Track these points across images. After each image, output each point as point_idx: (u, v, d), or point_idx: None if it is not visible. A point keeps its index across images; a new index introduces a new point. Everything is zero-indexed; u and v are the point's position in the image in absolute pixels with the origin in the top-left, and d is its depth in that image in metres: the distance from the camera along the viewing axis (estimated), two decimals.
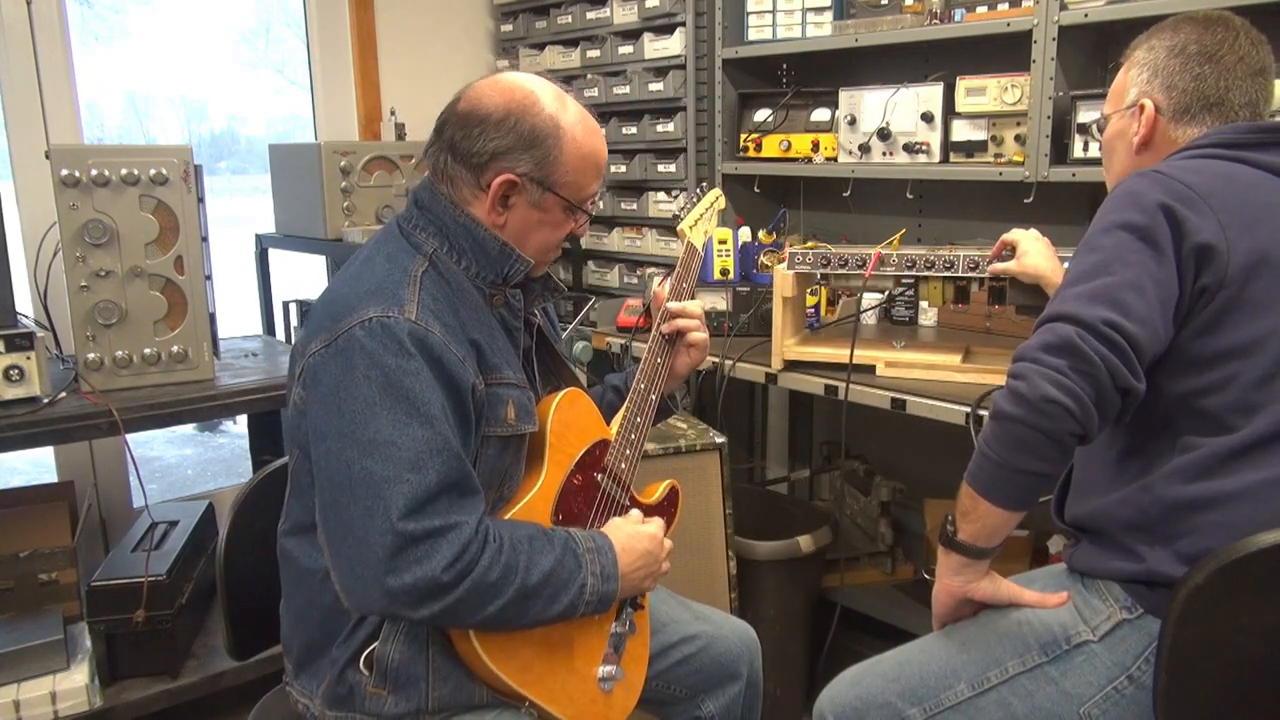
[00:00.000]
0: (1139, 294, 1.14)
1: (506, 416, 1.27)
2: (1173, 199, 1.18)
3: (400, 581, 1.10)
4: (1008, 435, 1.14)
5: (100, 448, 2.58)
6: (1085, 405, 1.10)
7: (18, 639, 1.96)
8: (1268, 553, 1.07)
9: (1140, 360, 1.13)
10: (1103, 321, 1.11)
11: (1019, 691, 1.26)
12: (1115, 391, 1.11)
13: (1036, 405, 1.11)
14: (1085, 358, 1.10)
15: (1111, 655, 1.20)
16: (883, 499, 2.64)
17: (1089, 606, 1.24)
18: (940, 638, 1.37)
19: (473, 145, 1.25)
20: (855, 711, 1.38)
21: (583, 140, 1.29)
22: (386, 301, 1.18)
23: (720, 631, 1.57)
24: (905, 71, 2.42)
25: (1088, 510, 1.29)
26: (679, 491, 1.54)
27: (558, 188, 1.29)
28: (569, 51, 3.08)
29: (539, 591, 1.19)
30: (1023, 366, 1.15)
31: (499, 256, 1.29)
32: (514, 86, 1.27)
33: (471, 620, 1.17)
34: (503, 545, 1.17)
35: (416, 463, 1.12)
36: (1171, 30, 1.34)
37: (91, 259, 1.98)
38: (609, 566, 1.26)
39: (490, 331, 1.29)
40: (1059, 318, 1.15)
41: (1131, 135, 1.37)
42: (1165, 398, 1.20)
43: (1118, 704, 1.19)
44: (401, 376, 1.14)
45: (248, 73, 3.40)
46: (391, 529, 1.10)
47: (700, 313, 1.55)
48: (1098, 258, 1.18)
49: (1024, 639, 1.27)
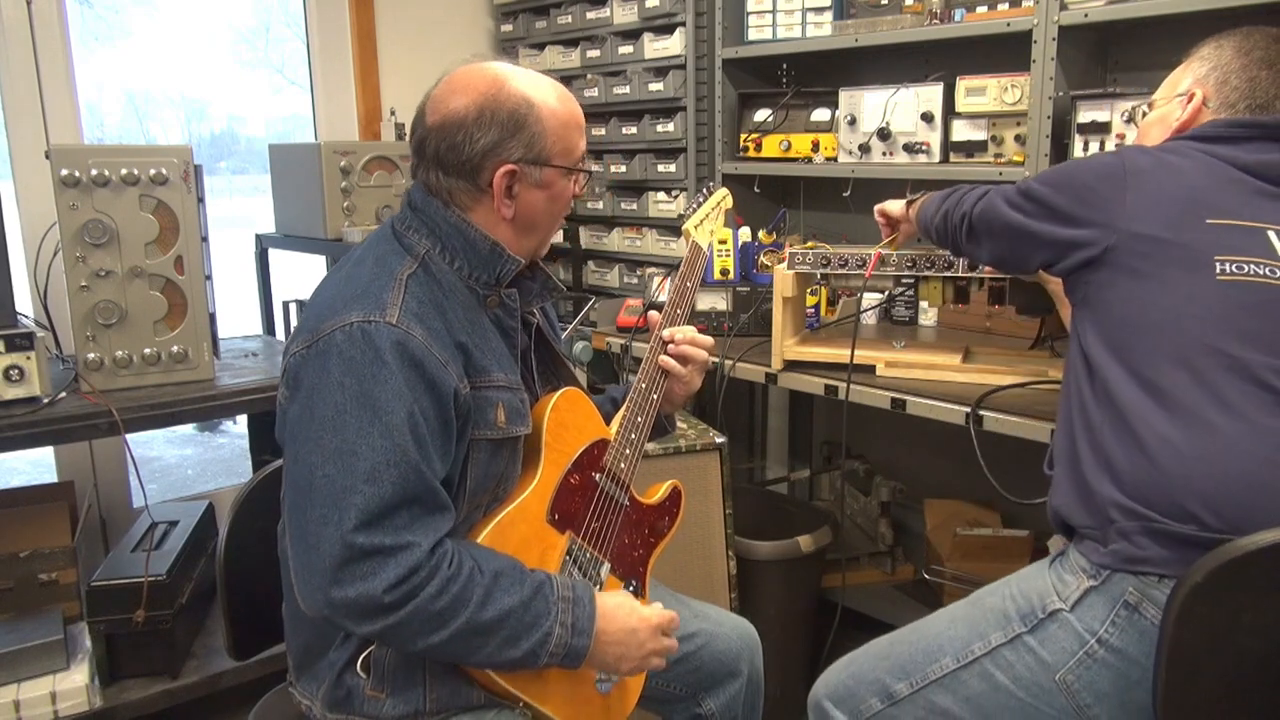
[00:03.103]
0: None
1: (496, 419, 1.25)
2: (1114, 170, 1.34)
3: (344, 594, 1.09)
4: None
5: (100, 448, 2.58)
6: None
7: (18, 639, 1.96)
8: (1267, 552, 1.08)
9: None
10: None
11: (1000, 662, 1.30)
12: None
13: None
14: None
15: (1081, 622, 1.24)
16: (883, 499, 2.64)
17: (1061, 580, 1.28)
18: (932, 617, 1.42)
19: (461, 154, 1.24)
20: (847, 690, 1.43)
21: (558, 105, 1.28)
22: (369, 306, 1.17)
23: (720, 629, 1.57)
24: (905, 71, 2.42)
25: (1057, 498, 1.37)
26: (681, 492, 1.54)
27: (552, 159, 1.27)
28: (569, 51, 3.08)
29: (492, 630, 1.15)
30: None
31: (490, 257, 1.28)
32: (474, 80, 1.26)
33: (415, 646, 1.15)
34: (458, 575, 1.14)
35: (372, 474, 1.11)
36: (1244, 35, 1.40)
37: (91, 259, 1.98)
38: (583, 621, 1.21)
39: (482, 333, 1.28)
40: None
41: (1173, 120, 1.42)
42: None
43: (1090, 669, 1.23)
44: (373, 384, 1.13)
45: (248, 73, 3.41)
46: (342, 539, 1.09)
47: (705, 342, 1.52)
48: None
49: (1006, 612, 1.31)
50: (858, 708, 1.41)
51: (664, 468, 2.07)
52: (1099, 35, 2.12)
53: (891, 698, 1.37)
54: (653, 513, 1.48)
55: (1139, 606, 1.19)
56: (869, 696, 1.40)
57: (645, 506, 1.47)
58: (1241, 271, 1.25)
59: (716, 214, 1.71)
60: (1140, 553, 1.19)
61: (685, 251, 1.61)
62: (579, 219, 3.13)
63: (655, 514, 1.49)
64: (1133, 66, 2.16)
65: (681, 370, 1.49)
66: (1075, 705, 1.24)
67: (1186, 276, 1.26)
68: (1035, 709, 1.27)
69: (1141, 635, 1.19)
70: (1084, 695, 1.23)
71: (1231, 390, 1.20)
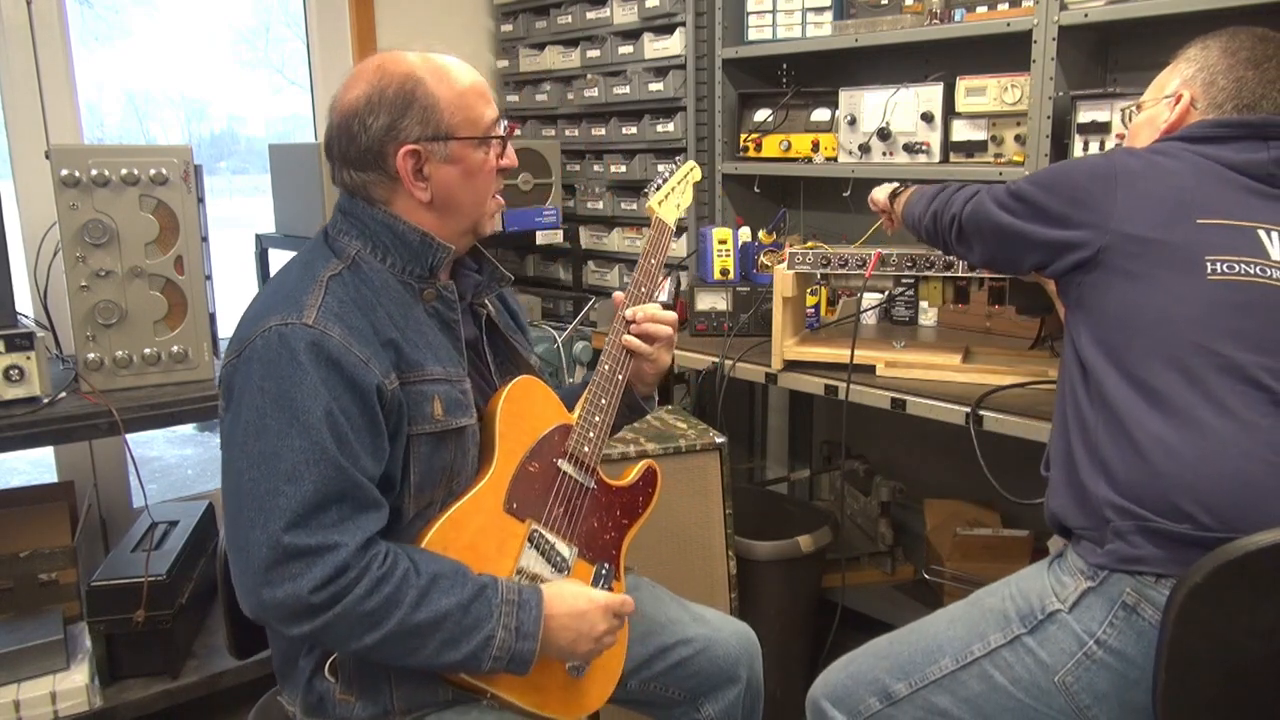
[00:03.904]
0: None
1: (433, 413, 1.23)
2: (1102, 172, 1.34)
3: (273, 595, 1.10)
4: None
5: (100, 448, 2.58)
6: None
7: (18, 639, 1.96)
8: (1267, 552, 1.08)
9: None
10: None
11: (999, 663, 1.30)
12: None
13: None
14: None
15: (1080, 623, 1.24)
16: (883, 499, 2.64)
17: (1059, 582, 1.29)
18: (932, 617, 1.42)
19: (360, 143, 1.23)
20: (846, 690, 1.43)
21: (448, 76, 1.25)
22: (287, 309, 1.17)
23: (719, 634, 1.55)
24: (905, 71, 2.42)
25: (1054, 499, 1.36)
26: (657, 472, 1.50)
27: (455, 132, 1.25)
28: (569, 51, 3.08)
29: (428, 632, 1.15)
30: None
31: (421, 248, 1.27)
32: (363, 69, 1.26)
33: (349, 647, 1.15)
34: (390, 576, 1.14)
35: (293, 474, 1.11)
36: (1229, 36, 1.40)
37: (91, 259, 1.98)
38: (528, 624, 1.20)
39: (417, 328, 1.26)
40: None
41: (1161, 122, 1.43)
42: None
43: (1089, 670, 1.23)
44: (289, 386, 1.13)
45: (248, 73, 3.40)
46: (270, 541, 1.10)
47: (666, 317, 1.48)
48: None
49: (1005, 613, 1.32)
50: (856, 708, 1.41)
51: (664, 468, 2.04)
52: (1099, 35, 2.12)
53: (890, 698, 1.37)
54: (624, 494, 1.46)
55: (1137, 607, 1.19)
56: (867, 696, 1.40)
57: (615, 489, 1.45)
58: (1232, 271, 1.25)
59: (684, 187, 1.64)
60: (1136, 552, 1.19)
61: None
62: (579, 219, 3.13)
63: (627, 495, 1.46)
64: (1133, 66, 2.16)
65: (646, 349, 1.46)
66: (1074, 706, 1.24)
67: (1178, 277, 1.26)
68: (1034, 710, 1.27)
69: (1140, 636, 1.19)
70: (1083, 696, 1.23)
71: (1224, 390, 1.20)
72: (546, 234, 2.88)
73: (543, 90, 3.18)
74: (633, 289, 1.48)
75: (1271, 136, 1.31)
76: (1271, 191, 1.30)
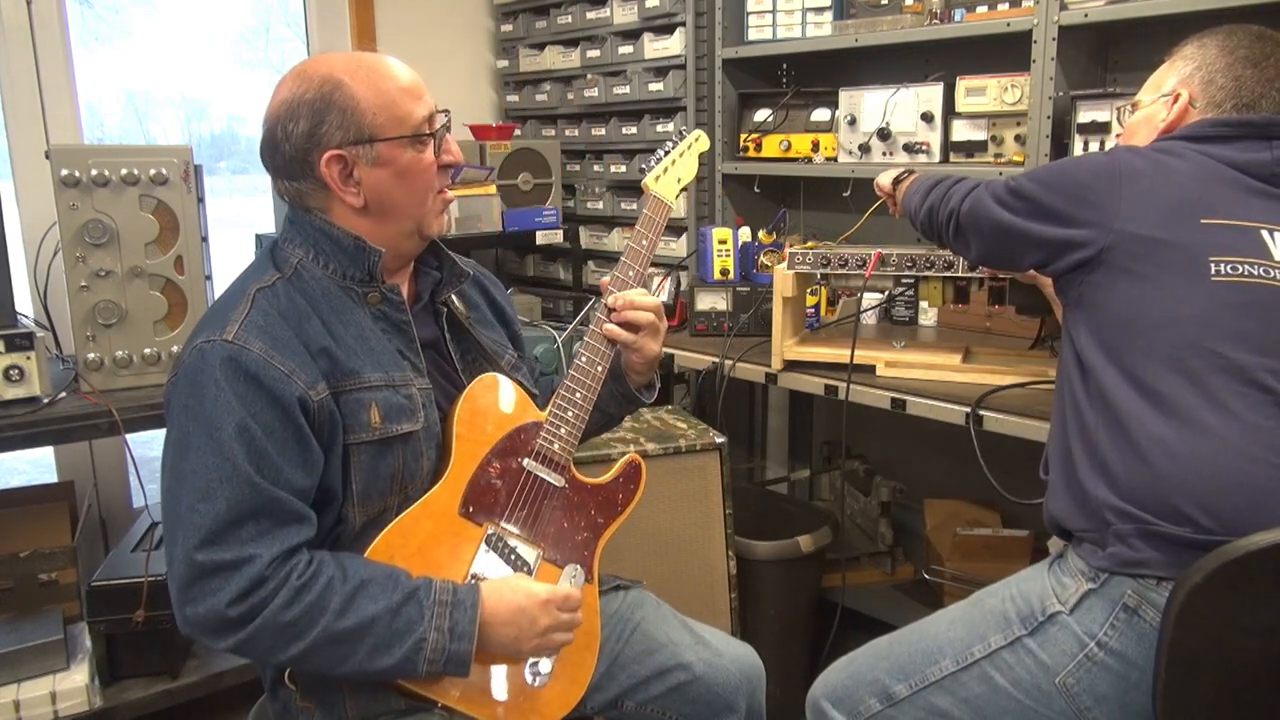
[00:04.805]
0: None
1: (370, 420, 1.21)
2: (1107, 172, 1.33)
3: (195, 611, 1.10)
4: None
5: (100, 448, 2.58)
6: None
7: (18, 639, 1.96)
8: (1267, 552, 1.07)
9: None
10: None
11: (1000, 665, 1.29)
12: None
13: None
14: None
15: (1080, 625, 1.24)
16: (883, 499, 2.64)
17: (1060, 583, 1.28)
18: (932, 617, 1.41)
19: (283, 153, 1.21)
20: (846, 690, 1.43)
21: (371, 76, 1.21)
22: (213, 327, 1.17)
23: (719, 660, 1.48)
24: (905, 71, 2.42)
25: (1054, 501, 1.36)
26: (641, 466, 1.42)
27: (379, 133, 1.21)
28: (569, 51, 3.08)
29: (354, 638, 1.13)
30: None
31: (355, 253, 1.25)
32: (285, 81, 1.23)
33: (276, 659, 1.14)
34: (312, 585, 1.12)
35: (206, 491, 1.11)
36: (1226, 34, 1.39)
37: (91, 259, 1.98)
38: (463, 624, 1.16)
39: (357, 334, 1.24)
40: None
41: (1159, 121, 1.41)
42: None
43: (1090, 672, 1.22)
44: (206, 403, 1.13)
45: (248, 73, 3.40)
46: (186, 558, 1.10)
47: (649, 304, 1.40)
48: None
49: (1005, 614, 1.31)
50: (856, 708, 1.40)
51: (664, 468, 2.06)
52: (1099, 35, 2.12)
53: (890, 699, 1.37)
54: (600, 492, 1.39)
55: (1138, 609, 1.19)
56: (867, 697, 1.39)
57: (590, 486, 1.38)
58: (1236, 272, 1.24)
59: (687, 159, 1.53)
60: (1137, 556, 1.19)
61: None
62: (579, 219, 3.13)
63: (604, 493, 1.39)
64: (1133, 66, 2.16)
65: (629, 337, 1.39)
66: (1075, 708, 1.24)
67: (1181, 278, 1.25)
68: (1035, 711, 1.27)
69: (1140, 638, 1.19)
70: (1084, 698, 1.23)
71: (1226, 392, 1.20)
72: (546, 234, 2.88)
73: (543, 90, 3.18)
74: (618, 272, 1.41)
75: (1274, 136, 1.31)
76: (1274, 192, 1.30)
